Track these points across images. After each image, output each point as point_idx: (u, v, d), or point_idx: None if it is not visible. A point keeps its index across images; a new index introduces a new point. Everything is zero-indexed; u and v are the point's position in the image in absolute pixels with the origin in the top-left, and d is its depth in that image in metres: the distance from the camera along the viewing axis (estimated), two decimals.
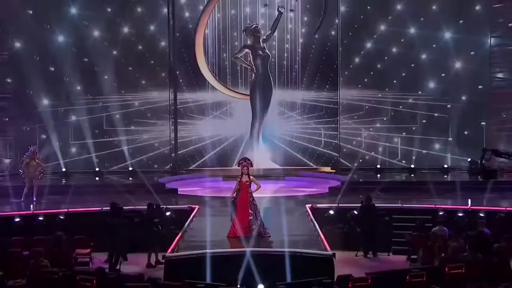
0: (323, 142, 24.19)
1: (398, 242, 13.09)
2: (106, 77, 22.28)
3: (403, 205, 14.48)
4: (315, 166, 23.78)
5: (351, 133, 23.74)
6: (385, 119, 23.22)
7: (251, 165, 10.80)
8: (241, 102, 24.17)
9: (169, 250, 10.02)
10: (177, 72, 23.20)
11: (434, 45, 22.14)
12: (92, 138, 22.60)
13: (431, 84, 22.53)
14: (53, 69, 21.61)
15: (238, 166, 10.78)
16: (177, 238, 10.90)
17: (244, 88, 23.79)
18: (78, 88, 22.19)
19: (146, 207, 12.62)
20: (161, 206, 13.25)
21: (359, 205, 13.46)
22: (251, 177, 10.70)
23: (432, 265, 9.81)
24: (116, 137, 22.95)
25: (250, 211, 10.54)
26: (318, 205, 14.49)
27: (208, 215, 13.79)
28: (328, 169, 23.77)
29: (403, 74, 22.59)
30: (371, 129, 23.35)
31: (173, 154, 23.60)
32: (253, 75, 23.54)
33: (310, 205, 14.34)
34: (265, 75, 23.43)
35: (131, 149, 23.33)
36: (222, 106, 24.13)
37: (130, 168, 22.44)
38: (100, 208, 13.92)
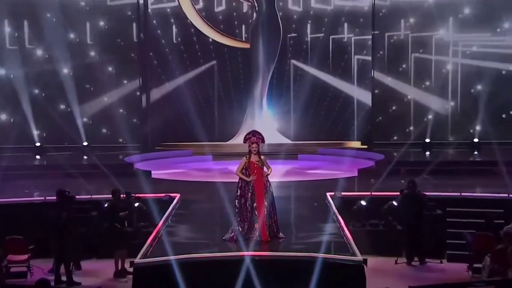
0: (352, 106, 24.21)
1: (455, 245, 13.17)
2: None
3: (463, 194, 14.44)
4: (339, 141, 23.82)
5: (390, 94, 23.75)
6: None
7: (263, 141, 10.65)
8: (240, 53, 24.19)
9: (139, 255, 9.92)
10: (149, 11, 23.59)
11: None
12: (30, 102, 22.62)
13: None
14: None
15: (245, 142, 10.62)
16: (150, 239, 10.81)
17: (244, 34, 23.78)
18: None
19: (107, 196, 12.69)
20: (131, 195, 13.31)
21: (400, 193, 13.31)
22: (262, 157, 10.55)
23: (504, 277, 9.90)
24: (66, 102, 22.96)
25: (265, 201, 10.46)
26: (344, 193, 14.44)
27: (193, 206, 13.90)
28: (357, 144, 23.77)
29: None
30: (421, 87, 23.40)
31: (144, 124, 23.65)
32: (255, 14, 23.34)
33: (332, 193, 14.36)
34: (271, 14, 23.22)
35: (87, 117, 23.33)
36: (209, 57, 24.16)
37: (85, 143, 22.43)
38: (42, 198, 14.02)
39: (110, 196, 12.44)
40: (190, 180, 18.18)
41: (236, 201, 10.47)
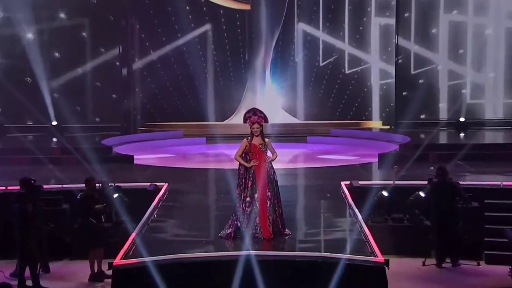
0: (371, 80, 24.19)
1: (495, 244, 13.08)
2: None
3: (504, 184, 14.35)
4: (355, 120, 23.82)
5: (417, 64, 23.68)
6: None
7: (265, 121, 10.60)
8: (239, 15, 24.11)
9: (119, 255, 9.87)
10: None
11: None
12: None
13: None
14: None
15: (245, 122, 10.58)
16: (131, 236, 10.73)
17: None
18: None
19: (81, 185, 12.59)
20: (108, 184, 13.24)
21: (429, 183, 13.31)
22: (266, 139, 10.51)
23: None
24: (30, 73, 22.87)
25: (268, 192, 10.45)
26: (361, 182, 14.50)
27: (184, 198, 13.91)
28: (377, 124, 23.75)
29: None
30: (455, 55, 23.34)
31: (125, 100, 23.61)
32: None
33: (347, 182, 14.45)
34: None
35: (57, 92, 23.24)
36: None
37: (54, 123, 22.40)
38: (3, 188, 13.93)
39: (84, 185, 12.37)
40: (179, 167, 18.18)
41: (238, 190, 10.46)
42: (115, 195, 12.99)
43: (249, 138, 10.47)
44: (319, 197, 13.96)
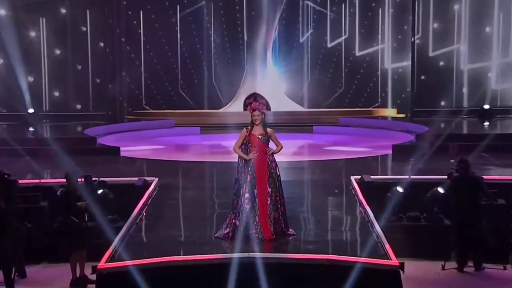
0: (385, 62, 24.17)
1: None
2: None
3: None
4: (367, 108, 23.81)
5: (437, 44, 23.67)
6: None
7: (267, 108, 10.61)
8: None
9: (104, 258, 9.87)
10: None
11: None
12: None
13: None
14: None
15: (246, 109, 10.67)
16: (118, 237, 10.78)
17: None
18: None
19: (62, 180, 12.60)
20: (92, 179, 13.25)
21: (449, 177, 13.29)
22: (268, 129, 10.51)
23: None
24: (3, 55, 22.87)
25: (269, 188, 10.49)
26: (374, 177, 14.54)
27: (176, 194, 13.92)
28: (392, 112, 23.75)
29: None
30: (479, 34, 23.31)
31: (110, 86, 23.60)
32: None
33: (358, 176, 14.48)
34: None
35: (33, 76, 23.25)
36: None
37: (31, 111, 22.40)
38: None
39: (64, 180, 12.31)
40: (171, 160, 18.14)
41: (236, 185, 10.49)
42: (100, 191, 13.03)
43: (249, 127, 10.46)
44: (326, 194, 13.97)
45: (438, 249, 13.01)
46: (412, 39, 23.70)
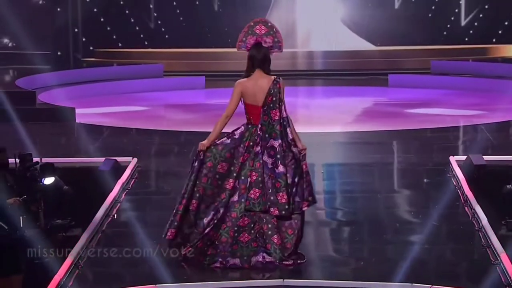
0: None
1: None
2: None
3: None
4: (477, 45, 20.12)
5: None
6: None
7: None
8: None
9: (51, 286, 8.18)
10: None
11: None
12: None
13: None
14: None
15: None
16: (72, 253, 9.02)
17: None
18: None
19: None
20: (32, 161, 10.84)
21: None
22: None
23: None
24: None
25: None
26: (487, 157, 12.45)
27: (164, 183, 12.21)
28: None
29: None
30: None
31: (59, 9, 20.25)
32: None
33: (462, 157, 12.53)
34: None
35: None
36: None
37: None
38: None
39: None
40: (157, 129, 15.56)
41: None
42: (45, 180, 10.55)
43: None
44: (408, 184, 12.12)
45: None
46: None
